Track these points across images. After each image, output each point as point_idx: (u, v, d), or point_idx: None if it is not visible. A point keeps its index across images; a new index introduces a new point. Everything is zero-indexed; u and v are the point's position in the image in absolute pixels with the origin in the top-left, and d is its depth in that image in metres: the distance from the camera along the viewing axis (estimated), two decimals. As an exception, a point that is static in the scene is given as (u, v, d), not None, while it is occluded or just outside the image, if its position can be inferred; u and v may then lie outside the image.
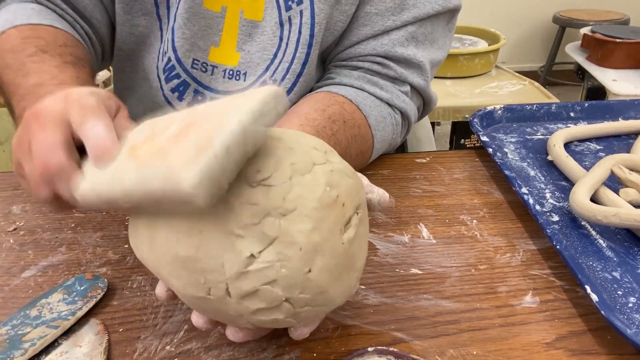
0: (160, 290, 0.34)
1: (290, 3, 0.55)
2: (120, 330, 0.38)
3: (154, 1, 0.57)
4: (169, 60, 0.59)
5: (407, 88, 0.60)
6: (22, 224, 0.50)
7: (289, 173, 0.29)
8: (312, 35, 0.56)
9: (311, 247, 0.28)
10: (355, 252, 0.31)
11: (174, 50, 0.58)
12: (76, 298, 0.40)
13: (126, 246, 0.47)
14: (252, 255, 0.27)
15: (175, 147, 0.26)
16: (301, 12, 0.55)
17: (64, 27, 0.55)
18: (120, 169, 0.28)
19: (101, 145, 0.30)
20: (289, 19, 0.56)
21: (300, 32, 0.56)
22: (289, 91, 0.59)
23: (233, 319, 0.30)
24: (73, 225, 0.50)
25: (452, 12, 0.60)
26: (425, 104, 0.65)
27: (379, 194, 0.37)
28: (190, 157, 0.24)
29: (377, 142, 0.57)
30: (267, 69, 0.59)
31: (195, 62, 0.58)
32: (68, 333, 0.37)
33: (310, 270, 0.28)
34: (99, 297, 0.40)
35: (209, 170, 0.24)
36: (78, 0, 0.57)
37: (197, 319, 0.33)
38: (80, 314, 0.38)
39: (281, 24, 0.56)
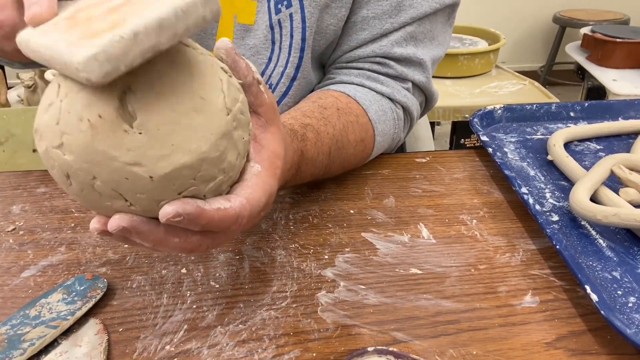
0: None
1: (279, 6, 0.55)
2: (120, 330, 0.38)
3: None
4: None
5: (409, 85, 0.60)
6: (21, 223, 0.50)
7: None
8: (303, 39, 0.56)
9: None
10: (162, 116, 0.28)
11: None
12: (75, 298, 0.40)
13: (126, 246, 0.47)
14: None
15: (102, 20, 0.27)
16: (291, 15, 0.55)
17: None
18: (50, 31, 0.29)
19: (33, 6, 0.30)
20: (279, 22, 0.56)
21: (292, 36, 0.56)
22: (284, 95, 0.59)
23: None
24: (73, 225, 0.50)
25: (451, 8, 0.60)
26: (427, 100, 0.65)
27: (217, 46, 0.34)
28: (99, 33, 0.25)
29: (379, 134, 0.57)
30: (262, 73, 0.59)
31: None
32: (67, 333, 0.37)
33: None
34: (98, 297, 0.40)
35: (108, 49, 0.25)
36: None
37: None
38: (79, 313, 0.38)
39: (271, 28, 0.56)
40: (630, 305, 0.40)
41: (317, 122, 0.49)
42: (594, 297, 0.38)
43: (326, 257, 0.46)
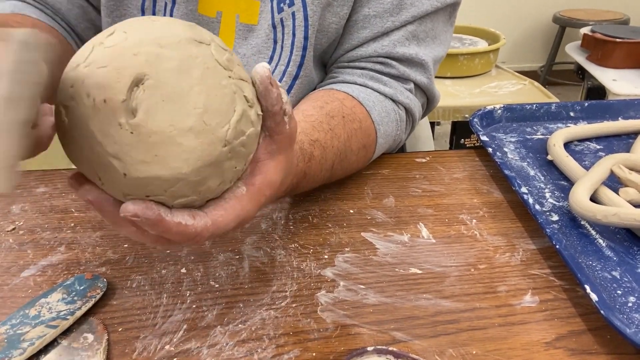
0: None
1: (282, 5, 0.55)
2: (120, 329, 0.38)
3: (140, 6, 0.57)
4: None
5: (411, 85, 0.60)
6: (21, 223, 0.50)
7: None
8: (306, 38, 0.56)
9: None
10: (158, 125, 0.28)
11: None
12: (75, 298, 0.40)
13: (126, 246, 0.47)
14: None
15: None
16: (293, 14, 0.55)
17: (41, 18, 0.57)
18: None
19: None
20: (281, 21, 0.56)
21: (294, 35, 0.56)
22: (286, 93, 0.59)
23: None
24: (72, 224, 0.50)
25: (452, 7, 0.60)
26: (429, 101, 0.65)
27: (255, 70, 0.33)
28: None
29: (381, 136, 0.57)
30: None
31: None
32: (67, 332, 0.37)
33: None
34: (98, 296, 0.40)
35: None
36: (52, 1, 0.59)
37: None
38: (79, 313, 0.38)
39: (274, 27, 0.56)
40: (630, 304, 0.40)
41: (324, 136, 0.49)
42: (594, 296, 0.38)
43: (326, 256, 0.46)
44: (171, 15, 0.57)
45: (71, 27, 0.61)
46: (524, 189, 0.51)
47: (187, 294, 0.41)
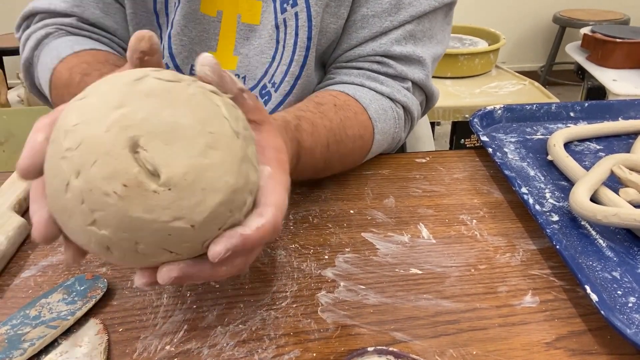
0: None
1: (285, 5, 0.56)
2: (120, 330, 0.38)
3: (153, 10, 0.58)
4: (166, 68, 0.59)
5: (409, 84, 0.60)
6: (21, 223, 0.50)
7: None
8: (309, 38, 0.56)
9: None
10: (183, 165, 0.28)
11: (172, 57, 0.59)
12: (76, 298, 0.40)
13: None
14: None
15: None
16: (296, 14, 0.55)
17: (102, 47, 0.59)
18: None
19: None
20: (284, 21, 0.56)
21: (297, 35, 0.56)
22: (287, 94, 0.59)
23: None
24: (73, 225, 0.50)
25: (449, 6, 0.60)
26: (427, 99, 0.65)
27: (201, 62, 0.32)
28: None
29: (378, 132, 0.57)
30: (266, 72, 0.59)
31: (194, 68, 0.59)
32: (68, 333, 0.37)
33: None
34: (98, 297, 0.40)
35: None
36: (101, 21, 0.60)
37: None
38: (79, 314, 0.38)
39: (277, 27, 0.56)
40: (630, 305, 0.40)
41: (312, 115, 0.49)
42: (594, 297, 0.38)
43: (326, 257, 0.46)
44: (175, 14, 0.57)
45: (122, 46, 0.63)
46: (524, 189, 0.51)
47: (188, 294, 0.41)
